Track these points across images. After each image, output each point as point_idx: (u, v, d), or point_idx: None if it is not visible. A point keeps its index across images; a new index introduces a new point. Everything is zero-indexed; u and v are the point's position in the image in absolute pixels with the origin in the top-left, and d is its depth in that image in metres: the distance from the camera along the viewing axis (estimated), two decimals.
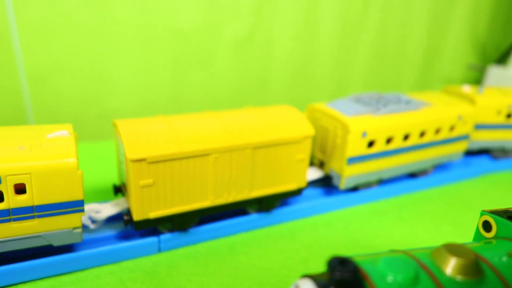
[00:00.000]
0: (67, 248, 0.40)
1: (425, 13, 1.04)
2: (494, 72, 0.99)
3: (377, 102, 0.55)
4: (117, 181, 0.54)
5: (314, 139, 0.55)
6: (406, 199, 0.59)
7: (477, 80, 1.14)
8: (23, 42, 0.70)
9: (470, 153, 0.72)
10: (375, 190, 0.57)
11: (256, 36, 0.88)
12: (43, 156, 0.34)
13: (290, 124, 0.47)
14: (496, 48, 1.18)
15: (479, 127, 0.66)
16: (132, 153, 0.38)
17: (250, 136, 0.44)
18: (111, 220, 0.45)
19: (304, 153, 0.48)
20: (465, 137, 0.62)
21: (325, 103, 0.55)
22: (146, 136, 0.40)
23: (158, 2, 0.77)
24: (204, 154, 0.41)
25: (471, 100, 0.65)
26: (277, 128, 0.46)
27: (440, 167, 0.67)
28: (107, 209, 0.43)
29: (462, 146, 0.63)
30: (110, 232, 0.44)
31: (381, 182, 0.59)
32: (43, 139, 0.37)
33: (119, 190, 0.46)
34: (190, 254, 0.44)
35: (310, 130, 0.47)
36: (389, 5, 0.99)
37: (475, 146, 0.68)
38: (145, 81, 0.82)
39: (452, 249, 0.22)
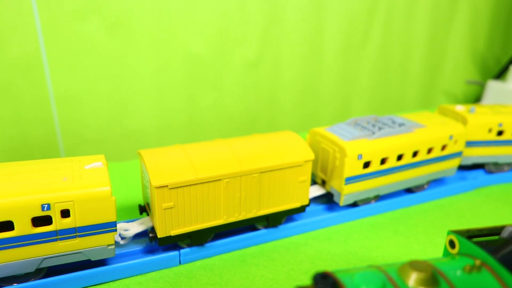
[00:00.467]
0: (102, 262, 0.47)
1: (425, 31, 1.09)
2: (493, 87, 1.03)
3: (373, 126, 0.61)
4: (141, 201, 0.61)
5: (316, 160, 0.61)
6: (402, 213, 0.64)
7: (479, 94, 1.18)
8: (52, 71, 0.77)
9: (466, 167, 0.76)
10: (373, 205, 0.62)
11: (264, 59, 0.94)
12: (83, 186, 0.41)
13: (293, 150, 0.53)
14: (496, 63, 1.22)
15: (471, 144, 0.71)
16: (156, 181, 0.44)
17: (257, 162, 0.50)
18: (138, 236, 0.52)
19: (305, 175, 0.54)
20: (457, 154, 0.67)
21: (325, 127, 0.61)
22: (167, 165, 0.46)
23: (173, 31, 0.84)
24: (217, 180, 0.48)
25: (463, 119, 0.70)
26: (281, 154, 0.52)
27: (436, 181, 0.72)
28: (134, 227, 0.50)
29: (455, 163, 0.68)
30: (137, 247, 0.50)
31: (379, 198, 0.64)
32: (82, 170, 0.44)
33: (144, 209, 0.53)
34: (206, 266, 0.50)
35: (310, 155, 0.53)
36: (390, 25, 1.04)
37: (469, 161, 0.72)
38: (162, 104, 0.89)
39: (414, 265, 0.28)
